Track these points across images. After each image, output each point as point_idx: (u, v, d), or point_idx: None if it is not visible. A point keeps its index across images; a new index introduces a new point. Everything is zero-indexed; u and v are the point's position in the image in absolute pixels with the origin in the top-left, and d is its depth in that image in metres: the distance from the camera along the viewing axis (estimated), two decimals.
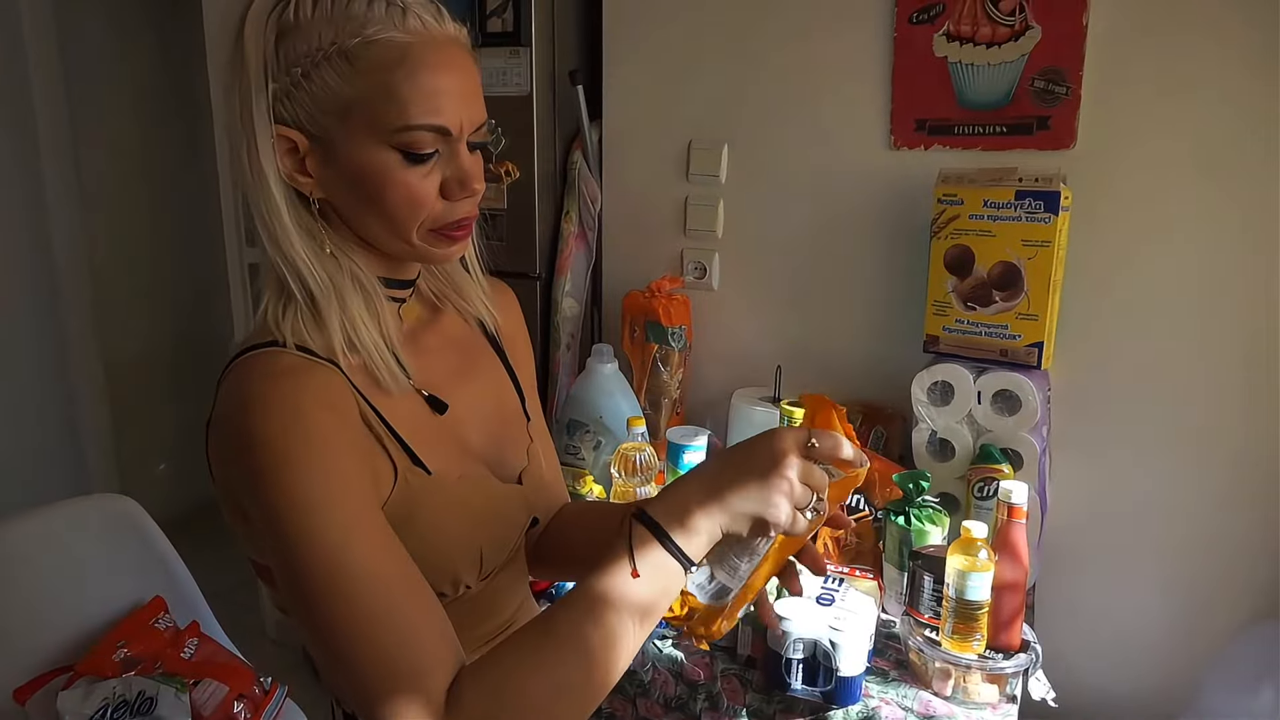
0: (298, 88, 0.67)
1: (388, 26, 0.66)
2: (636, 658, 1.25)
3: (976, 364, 1.41)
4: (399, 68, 0.66)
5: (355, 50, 0.66)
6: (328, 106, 0.67)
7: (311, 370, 0.67)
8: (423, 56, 0.67)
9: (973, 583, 1.09)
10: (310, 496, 0.62)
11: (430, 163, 0.69)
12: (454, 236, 0.73)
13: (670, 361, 1.70)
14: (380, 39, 0.66)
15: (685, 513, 0.65)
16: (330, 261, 0.71)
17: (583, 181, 1.82)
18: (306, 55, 0.66)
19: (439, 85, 0.67)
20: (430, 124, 0.67)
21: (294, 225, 0.69)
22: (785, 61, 1.63)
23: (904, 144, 1.55)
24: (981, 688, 1.11)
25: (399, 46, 0.66)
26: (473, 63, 0.72)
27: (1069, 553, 1.53)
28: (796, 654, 1.11)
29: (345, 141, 0.67)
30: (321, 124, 0.68)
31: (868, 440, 1.55)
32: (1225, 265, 1.39)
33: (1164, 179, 1.40)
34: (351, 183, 0.69)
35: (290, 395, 0.64)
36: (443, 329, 0.84)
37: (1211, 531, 1.45)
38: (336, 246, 0.72)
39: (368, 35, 0.66)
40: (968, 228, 1.37)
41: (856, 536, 1.38)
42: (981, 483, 1.34)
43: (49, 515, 1.36)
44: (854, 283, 1.65)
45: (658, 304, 1.68)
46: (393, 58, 0.66)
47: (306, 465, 0.62)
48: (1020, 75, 1.44)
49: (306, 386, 0.65)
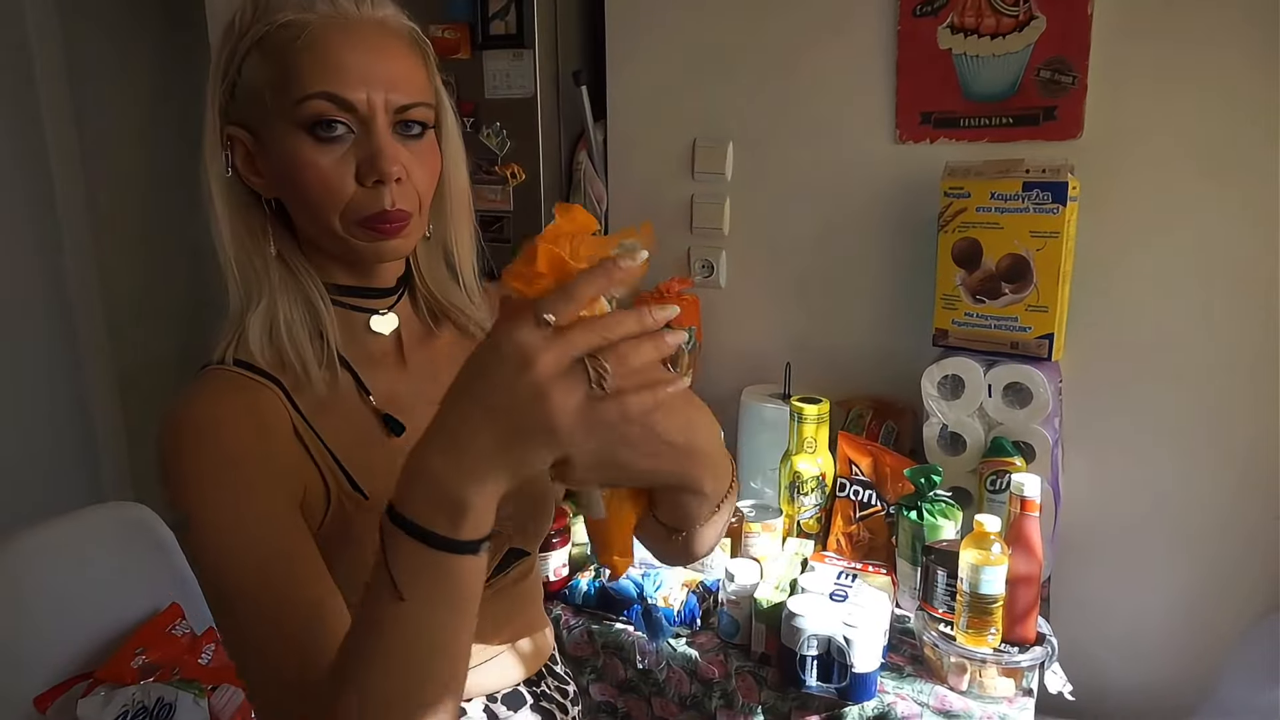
0: (235, 86, 0.68)
1: (296, 9, 0.66)
2: (650, 657, 1.26)
3: (986, 357, 1.40)
4: (297, 44, 0.66)
5: (266, 36, 0.66)
6: (254, 98, 0.68)
7: (235, 390, 0.68)
8: (323, 33, 0.66)
9: (986, 576, 1.09)
10: (201, 516, 0.63)
11: (342, 145, 0.67)
12: (381, 230, 0.68)
13: (679, 364, 1.70)
14: (284, 20, 0.66)
15: (441, 494, 0.49)
16: (274, 264, 0.71)
17: (588, 182, 1.82)
18: (240, 52, 0.68)
19: (340, 60, 0.66)
20: (324, 91, 0.65)
21: (231, 227, 0.70)
22: (788, 57, 1.63)
23: (909, 138, 1.55)
24: (997, 681, 1.11)
25: (300, 25, 0.66)
26: (402, 46, 0.69)
27: (1084, 545, 1.52)
28: (811, 650, 1.11)
29: (269, 132, 0.68)
30: (253, 118, 0.68)
31: (879, 435, 1.55)
32: (1236, 254, 1.38)
33: (1173, 167, 1.39)
34: (278, 174, 0.69)
35: (198, 417, 0.65)
36: (437, 347, 0.80)
37: (1226, 522, 1.44)
38: (286, 249, 0.71)
39: (275, 20, 0.66)
40: (975, 220, 1.37)
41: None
42: (994, 476, 1.34)
43: (65, 524, 1.37)
44: (862, 278, 1.64)
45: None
46: (293, 35, 0.66)
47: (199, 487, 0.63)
48: (1025, 66, 1.44)
49: (221, 405, 0.66)
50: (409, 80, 0.69)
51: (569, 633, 1.31)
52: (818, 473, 1.40)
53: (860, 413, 1.59)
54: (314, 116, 0.66)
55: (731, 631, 1.25)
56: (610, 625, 1.30)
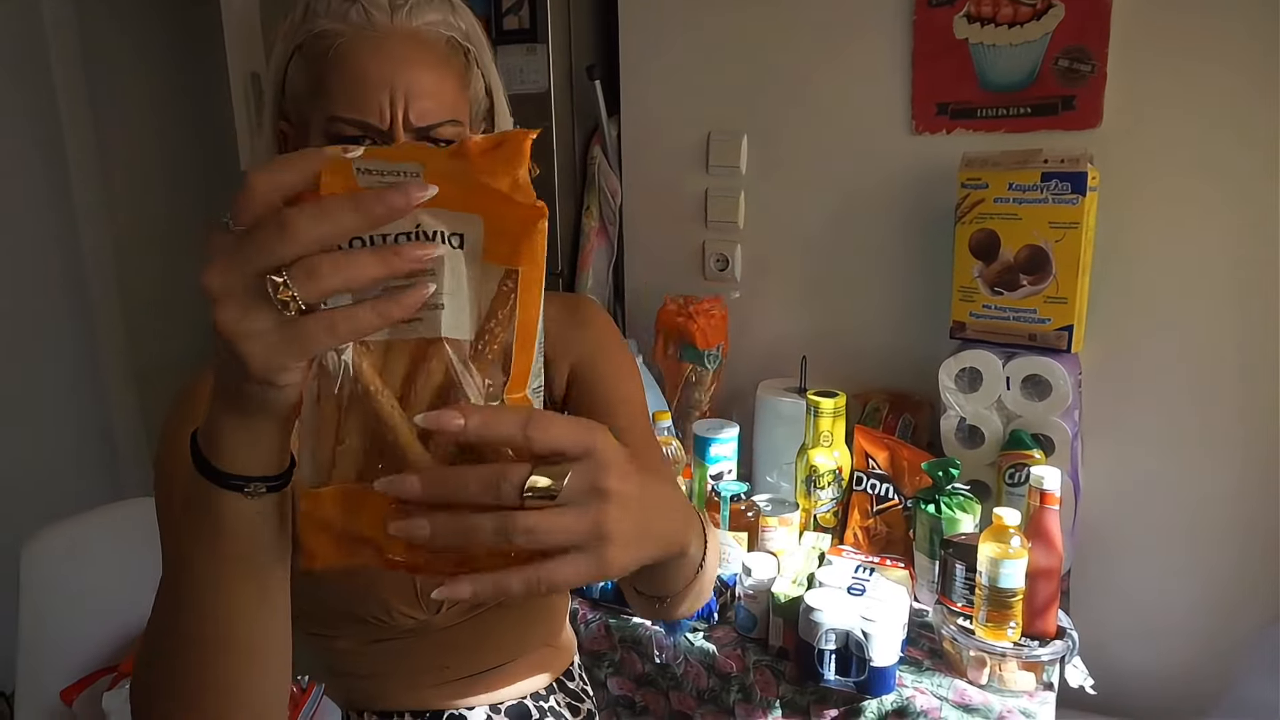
0: (285, 83, 0.71)
1: (332, 19, 0.67)
2: (668, 651, 1.26)
3: (1005, 349, 1.39)
4: (328, 57, 0.67)
5: (306, 44, 0.68)
6: (295, 99, 0.70)
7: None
8: (352, 48, 0.66)
9: (1005, 570, 1.08)
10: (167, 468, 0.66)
11: None
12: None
13: (704, 380, 1.69)
14: (320, 30, 0.67)
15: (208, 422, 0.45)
16: None
17: (602, 177, 1.82)
18: (288, 52, 0.70)
19: (364, 82, 0.65)
20: (350, 118, 0.66)
21: None
22: (803, 49, 1.62)
23: (926, 129, 1.53)
24: (1017, 675, 1.10)
25: (333, 36, 0.67)
26: (433, 58, 0.68)
27: (1105, 538, 1.51)
28: (829, 644, 1.11)
29: (307, 132, 0.69)
30: (298, 117, 0.71)
31: (896, 429, 1.54)
32: (1259, 244, 1.36)
33: (1195, 156, 1.37)
34: None
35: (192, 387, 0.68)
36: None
37: (1248, 516, 1.43)
38: None
39: (313, 28, 0.68)
40: (993, 211, 1.36)
41: (887, 525, 1.38)
42: (1013, 469, 1.33)
43: (87, 521, 1.39)
44: (878, 270, 1.63)
45: (694, 327, 1.63)
46: (325, 47, 0.67)
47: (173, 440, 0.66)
48: (1043, 55, 1.42)
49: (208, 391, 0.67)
50: (436, 96, 0.67)
51: (586, 626, 1.32)
52: (834, 466, 1.40)
53: (877, 406, 1.59)
54: (338, 135, 0.67)
55: (749, 626, 1.25)
56: (628, 619, 1.30)
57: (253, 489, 0.45)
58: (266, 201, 0.38)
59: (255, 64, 2.21)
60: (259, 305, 0.38)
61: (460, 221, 0.41)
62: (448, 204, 0.40)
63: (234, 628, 0.50)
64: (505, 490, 0.40)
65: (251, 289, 0.38)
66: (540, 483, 0.40)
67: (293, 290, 0.37)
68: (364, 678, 0.84)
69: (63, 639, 1.33)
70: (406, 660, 0.83)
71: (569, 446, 0.41)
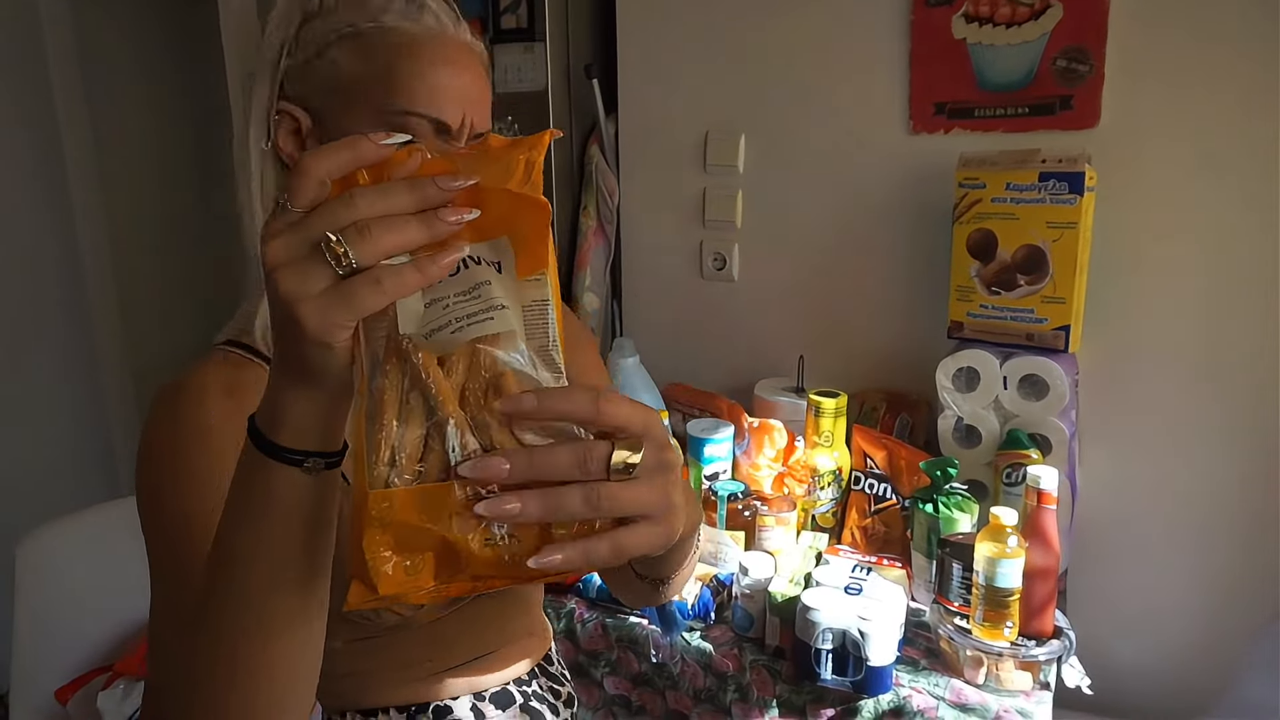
0: (309, 65, 0.70)
1: (403, 18, 0.69)
2: (665, 650, 1.26)
3: (1002, 349, 1.39)
4: (407, 55, 0.68)
5: (369, 33, 0.69)
6: (334, 85, 0.70)
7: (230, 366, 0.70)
8: (432, 50, 0.69)
9: (1002, 570, 1.08)
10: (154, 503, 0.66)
11: None
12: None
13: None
14: (393, 26, 0.69)
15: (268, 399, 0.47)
16: None
17: (600, 176, 1.82)
18: (323, 36, 0.69)
19: (443, 80, 0.69)
20: (429, 115, 0.68)
21: (261, 200, 0.72)
22: (801, 48, 1.62)
23: (923, 128, 1.53)
24: (1014, 675, 1.10)
25: (410, 35, 0.69)
26: (484, 74, 0.73)
27: (1102, 538, 1.51)
28: (826, 644, 1.11)
29: (344, 121, 0.69)
30: (326, 102, 0.70)
31: (893, 428, 1.54)
32: (1257, 244, 1.36)
33: (1192, 156, 1.37)
34: None
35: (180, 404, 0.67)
36: None
37: (1245, 516, 1.43)
38: None
39: (382, 21, 0.69)
40: (990, 211, 1.36)
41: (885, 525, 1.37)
42: (1010, 469, 1.33)
43: (83, 520, 1.38)
44: (876, 270, 1.63)
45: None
46: (403, 43, 0.68)
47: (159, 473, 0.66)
48: (1041, 54, 1.42)
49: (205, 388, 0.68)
50: (484, 106, 0.72)
51: (583, 626, 1.31)
52: (833, 466, 1.40)
53: (874, 406, 1.59)
54: (402, 126, 0.68)
55: (746, 625, 1.25)
56: (624, 619, 1.30)
57: (312, 464, 0.47)
58: (321, 182, 0.42)
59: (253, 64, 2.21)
60: (315, 269, 0.41)
61: (495, 249, 0.44)
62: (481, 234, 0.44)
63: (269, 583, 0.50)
64: (593, 467, 0.42)
65: (309, 255, 0.41)
66: (629, 458, 0.43)
67: (344, 247, 0.40)
68: (344, 676, 0.84)
69: (58, 638, 1.33)
70: (389, 656, 0.82)
71: (634, 423, 0.44)
